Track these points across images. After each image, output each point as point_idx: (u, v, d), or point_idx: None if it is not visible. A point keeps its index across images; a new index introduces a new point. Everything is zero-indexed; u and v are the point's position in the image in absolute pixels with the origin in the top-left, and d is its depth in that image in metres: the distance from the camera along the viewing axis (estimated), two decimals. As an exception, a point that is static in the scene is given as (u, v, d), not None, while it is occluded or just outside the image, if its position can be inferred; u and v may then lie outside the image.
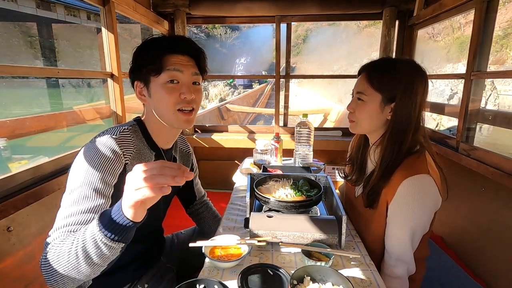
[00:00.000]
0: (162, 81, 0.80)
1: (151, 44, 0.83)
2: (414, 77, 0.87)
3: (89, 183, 0.71)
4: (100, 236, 0.58)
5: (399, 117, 0.88)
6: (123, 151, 0.78)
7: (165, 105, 0.81)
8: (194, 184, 1.19)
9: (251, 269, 0.73)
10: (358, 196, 1.01)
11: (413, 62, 0.91)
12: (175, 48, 0.82)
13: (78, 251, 0.60)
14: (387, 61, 0.95)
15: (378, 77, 0.90)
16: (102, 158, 0.74)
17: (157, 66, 0.79)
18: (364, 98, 0.92)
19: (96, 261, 0.61)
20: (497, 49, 14.05)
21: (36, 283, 1.11)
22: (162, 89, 0.80)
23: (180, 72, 0.81)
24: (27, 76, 6.97)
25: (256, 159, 1.57)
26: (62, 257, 0.62)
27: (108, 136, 0.78)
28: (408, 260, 0.87)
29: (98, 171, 0.73)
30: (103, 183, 0.73)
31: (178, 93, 0.81)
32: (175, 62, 0.80)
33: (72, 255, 0.61)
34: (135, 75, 0.84)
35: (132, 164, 0.81)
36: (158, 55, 0.79)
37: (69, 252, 0.61)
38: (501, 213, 1.35)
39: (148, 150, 0.87)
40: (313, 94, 14.29)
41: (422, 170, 0.82)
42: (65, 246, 0.63)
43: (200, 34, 40.06)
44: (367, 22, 18.06)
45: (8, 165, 1.55)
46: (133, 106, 2.49)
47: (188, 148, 1.13)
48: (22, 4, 18.23)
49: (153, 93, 0.82)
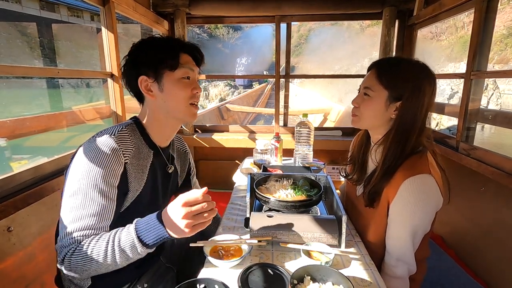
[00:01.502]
0: (177, 76, 0.85)
1: (165, 42, 0.88)
2: (423, 78, 0.87)
3: (93, 185, 0.73)
4: (140, 248, 0.69)
5: (405, 117, 0.88)
6: (122, 150, 0.79)
7: (180, 99, 0.86)
8: (192, 183, 1.20)
9: (251, 269, 0.73)
10: (359, 196, 1.01)
11: (424, 64, 0.91)
12: (186, 48, 0.89)
13: (115, 252, 0.69)
14: (398, 60, 0.96)
15: (387, 74, 0.90)
16: (103, 159, 0.75)
17: (175, 62, 0.84)
18: (370, 94, 0.92)
19: (122, 262, 0.71)
20: (501, 48, 13.98)
21: (36, 283, 1.11)
22: (179, 83, 0.85)
23: (192, 70, 0.88)
24: (30, 77, 6.98)
25: (256, 159, 1.57)
26: (96, 255, 0.69)
27: (107, 136, 0.78)
28: (409, 260, 0.87)
29: (100, 172, 0.74)
30: (106, 184, 0.74)
31: (191, 88, 0.87)
32: (188, 61, 0.88)
33: (109, 254, 0.69)
34: (142, 70, 0.85)
35: (131, 163, 0.82)
36: (176, 52, 0.85)
37: (105, 252, 0.69)
38: (501, 212, 1.35)
39: (146, 149, 0.88)
40: (314, 93, 14.29)
41: (424, 170, 0.82)
42: (99, 247, 0.70)
43: (203, 34, 39.99)
44: (370, 21, 18.04)
45: (10, 164, 1.55)
46: (133, 106, 2.49)
47: (185, 147, 1.14)
48: (26, 6, 18.27)
49: (166, 87, 0.85)
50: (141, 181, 0.85)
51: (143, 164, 0.87)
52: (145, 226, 0.69)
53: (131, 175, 0.82)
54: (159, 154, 0.92)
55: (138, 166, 0.85)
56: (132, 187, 0.83)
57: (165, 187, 1.00)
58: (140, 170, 0.85)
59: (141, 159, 0.86)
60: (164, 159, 0.97)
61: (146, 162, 0.88)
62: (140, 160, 0.85)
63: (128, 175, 0.81)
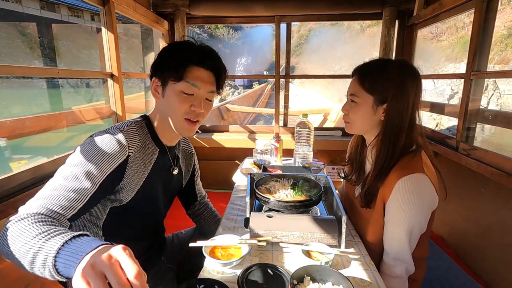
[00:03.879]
0: (178, 88, 0.83)
1: (180, 50, 0.85)
2: (405, 77, 0.88)
3: (83, 164, 0.73)
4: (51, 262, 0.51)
5: (391, 118, 0.88)
6: (128, 143, 0.81)
7: (175, 111, 0.85)
8: (196, 185, 1.20)
9: (251, 269, 0.73)
10: (358, 196, 1.01)
11: (405, 62, 0.92)
12: (202, 62, 0.84)
13: (30, 249, 0.54)
14: (378, 63, 0.95)
15: (369, 79, 0.91)
16: (105, 145, 0.77)
17: (179, 75, 0.82)
18: (356, 100, 0.94)
19: (28, 268, 0.56)
20: (501, 48, 13.98)
21: (37, 283, 1.11)
22: (176, 96, 0.83)
23: (197, 88, 0.84)
24: (30, 77, 6.98)
25: (256, 159, 1.57)
26: (20, 237, 0.56)
27: (116, 129, 0.82)
28: (406, 259, 0.87)
29: (96, 157, 0.75)
30: (97, 168, 0.74)
31: (190, 104, 0.84)
32: (196, 77, 0.83)
33: (26, 246, 0.55)
34: (156, 72, 0.86)
35: (135, 156, 0.83)
36: (183, 64, 0.82)
37: (25, 242, 0.55)
38: (501, 213, 1.35)
39: (152, 146, 0.90)
40: (314, 93, 14.28)
41: (417, 169, 0.83)
42: (29, 233, 0.56)
43: (203, 34, 39.94)
44: (370, 21, 18.12)
45: (9, 164, 1.54)
46: (133, 106, 2.50)
47: (190, 148, 1.15)
48: (26, 5, 18.27)
49: (167, 95, 0.85)
50: (142, 175, 0.86)
51: (147, 160, 0.88)
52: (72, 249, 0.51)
53: (131, 167, 0.82)
54: (165, 153, 0.94)
55: (142, 160, 0.86)
56: (128, 180, 0.83)
57: (168, 187, 1.00)
58: (142, 165, 0.86)
59: (146, 155, 0.87)
60: (170, 160, 0.98)
61: (150, 158, 0.89)
62: (145, 155, 0.87)
63: (128, 167, 0.82)
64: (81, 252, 0.48)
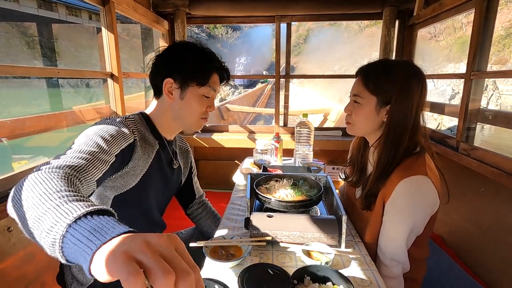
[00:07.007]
0: (201, 92, 0.90)
1: (205, 57, 0.90)
2: (410, 79, 0.86)
3: (100, 137, 0.74)
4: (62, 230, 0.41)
5: (395, 119, 0.87)
6: (132, 129, 0.84)
7: (194, 113, 0.91)
8: (194, 183, 1.20)
9: (251, 269, 0.73)
10: (358, 198, 1.01)
11: (410, 63, 0.91)
12: (221, 69, 0.93)
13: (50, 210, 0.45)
14: (383, 64, 0.94)
15: (373, 80, 0.90)
16: (114, 127, 0.79)
17: (205, 80, 0.89)
18: (359, 101, 0.93)
19: (31, 223, 0.47)
20: (499, 49, 14.00)
21: (37, 282, 1.11)
22: (198, 99, 0.90)
23: (214, 91, 0.93)
24: (27, 76, 6.99)
25: (256, 159, 1.57)
26: (40, 186, 0.50)
27: (116, 117, 0.85)
28: (402, 260, 0.87)
29: (111, 132, 0.76)
30: (108, 146, 0.74)
31: (207, 105, 0.93)
32: (215, 82, 0.92)
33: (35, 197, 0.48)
34: (173, 74, 0.87)
35: (139, 143, 0.85)
36: (209, 71, 0.89)
37: (47, 196, 0.47)
38: (501, 213, 1.35)
39: (151, 137, 0.92)
40: (313, 93, 14.30)
41: (420, 171, 0.82)
42: (52, 184, 0.51)
43: (202, 34, 39.89)
44: (369, 22, 18.13)
45: (11, 165, 1.54)
46: (133, 106, 2.49)
47: (186, 146, 1.17)
48: (23, 4, 18.23)
49: (187, 98, 0.89)
50: (145, 163, 0.88)
51: (149, 149, 0.89)
52: (88, 229, 0.40)
53: (137, 152, 0.84)
54: (165, 146, 0.96)
55: (145, 149, 0.87)
56: (133, 164, 0.84)
57: (168, 181, 1.01)
58: (146, 153, 0.88)
59: (147, 145, 0.89)
60: (170, 154, 1.00)
61: (152, 148, 0.91)
62: (146, 145, 0.89)
63: (135, 150, 0.83)
64: (105, 232, 0.39)
